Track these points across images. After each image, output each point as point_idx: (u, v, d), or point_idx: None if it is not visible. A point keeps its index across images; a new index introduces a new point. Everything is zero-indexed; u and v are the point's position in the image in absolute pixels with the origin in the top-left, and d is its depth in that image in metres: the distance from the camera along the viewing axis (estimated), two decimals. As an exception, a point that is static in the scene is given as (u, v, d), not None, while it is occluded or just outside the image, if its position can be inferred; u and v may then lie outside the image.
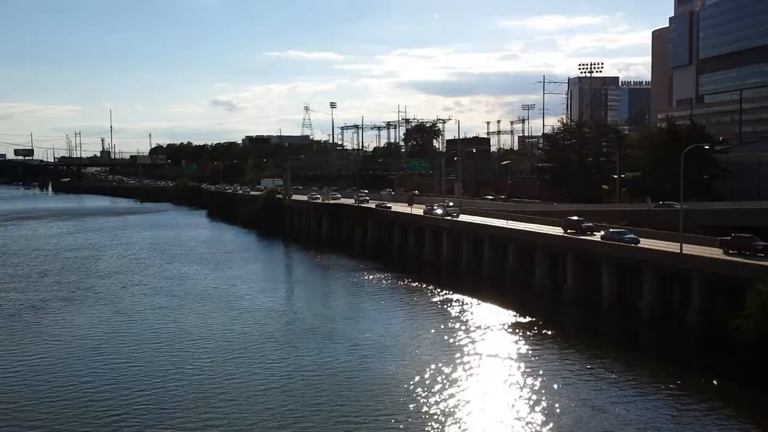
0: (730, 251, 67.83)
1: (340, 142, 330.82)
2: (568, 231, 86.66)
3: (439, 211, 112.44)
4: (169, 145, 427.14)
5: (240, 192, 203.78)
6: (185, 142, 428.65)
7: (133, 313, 75.72)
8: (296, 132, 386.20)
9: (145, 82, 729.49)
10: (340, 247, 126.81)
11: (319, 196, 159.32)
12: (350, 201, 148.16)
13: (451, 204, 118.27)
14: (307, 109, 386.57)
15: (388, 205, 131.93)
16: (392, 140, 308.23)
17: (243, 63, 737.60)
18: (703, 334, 61.32)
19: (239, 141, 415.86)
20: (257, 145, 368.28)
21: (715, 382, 50.59)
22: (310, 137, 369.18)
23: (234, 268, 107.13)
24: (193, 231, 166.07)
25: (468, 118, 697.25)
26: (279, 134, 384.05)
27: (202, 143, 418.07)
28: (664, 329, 65.21)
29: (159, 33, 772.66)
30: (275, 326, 69.11)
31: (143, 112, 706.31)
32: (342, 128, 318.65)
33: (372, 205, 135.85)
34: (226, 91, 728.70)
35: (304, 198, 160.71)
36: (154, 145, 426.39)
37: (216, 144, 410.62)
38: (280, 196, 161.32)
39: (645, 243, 76.23)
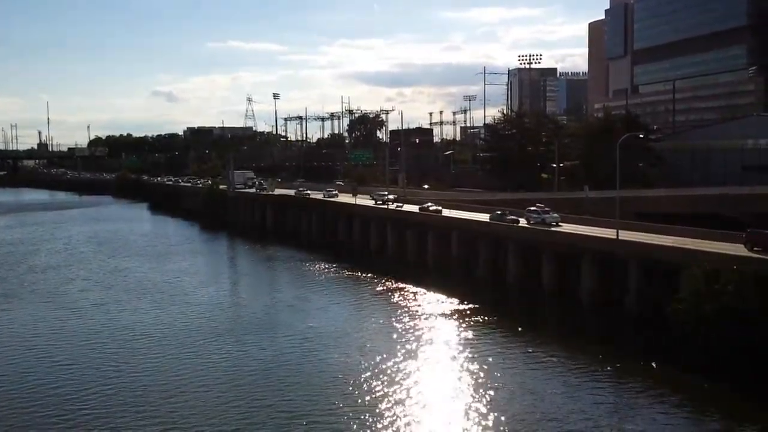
0: (755, 248, 60.66)
1: (283, 134, 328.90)
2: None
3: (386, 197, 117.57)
4: (108, 137, 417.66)
5: (182, 184, 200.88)
6: (125, 134, 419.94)
7: (72, 309, 74.29)
8: (239, 123, 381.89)
9: (83, 73, 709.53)
10: (285, 239, 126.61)
11: (266, 187, 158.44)
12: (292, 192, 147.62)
13: (386, 194, 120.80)
14: (249, 100, 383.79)
15: (335, 192, 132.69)
16: (336, 131, 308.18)
17: (184, 54, 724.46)
18: (641, 318, 63.38)
19: (181, 133, 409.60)
20: (199, 136, 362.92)
21: (654, 365, 52.39)
22: (254, 129, 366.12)
23: (177, 262, 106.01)
24: (135, 224, 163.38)
25: (411, 109, 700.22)
26: (221, 126, 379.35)
27: (142, 135, 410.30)
28: (603, 315, 67.09)
29: (96, 22, 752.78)
30: (220, 320, 68.68)
31: (82, 104, 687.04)
32: (285, 119, 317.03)
33: (319, 196, 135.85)
34: (166, 82, 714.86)
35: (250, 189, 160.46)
36: (93, 137, 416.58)
37: (157, 136, 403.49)
38: (258, 189, 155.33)
39: (585, 230, 78.27)
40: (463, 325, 65.17)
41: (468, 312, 70.10)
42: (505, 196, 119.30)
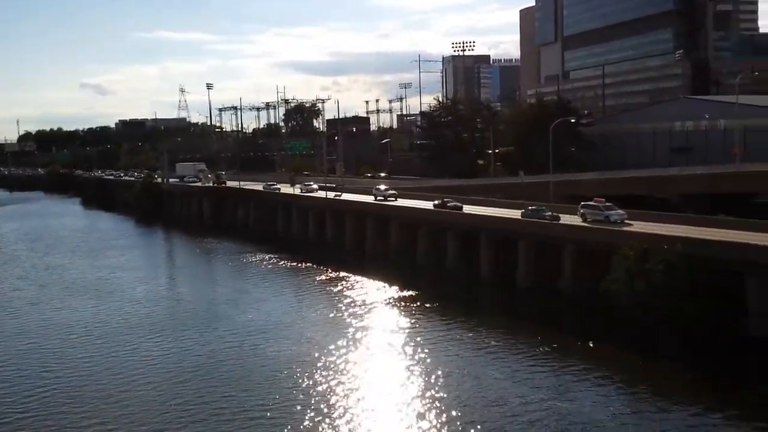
0: None
1: (218, 124, 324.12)
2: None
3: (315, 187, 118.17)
4: (38, 131, 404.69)
5: (124, 178, 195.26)
6: (55, 128, 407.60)
7: (5, 308, 72.31)
8: (172, 115, 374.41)
9: (6, 65, 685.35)
10: (224, 231, 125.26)
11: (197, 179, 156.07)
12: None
13: (312, 185, 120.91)
14: (182, 91, 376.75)
15: (277, 186, 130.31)
16: (272, 121, 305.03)
17: (111, 44, 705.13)
18: (575, 298, 65.01)
19: (112, 125, 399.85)
20: (131, 129, 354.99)
21: (590, 345, 53.84)
22: (187, 120, 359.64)
23: (112, 257, 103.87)
24: (67, 219, 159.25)
25: (347, 98, 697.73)
26: (154, 117, 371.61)
27: (73, 129, 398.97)
28: (539, 297, 68.54)
29: (18, 13, 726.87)
30: (159, 316, 67.64)
31: (10, 99, 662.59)
32: (220, 110, 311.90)
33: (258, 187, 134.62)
34: (94, 73, 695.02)
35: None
36: (22, 132, 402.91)
37: (88, 129, 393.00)
38: (215, 182, 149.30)
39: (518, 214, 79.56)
40: (404, 313, 65.74)
41: (408, 299, 70.71)
42: (442, 183, 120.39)
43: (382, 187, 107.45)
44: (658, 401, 42.89)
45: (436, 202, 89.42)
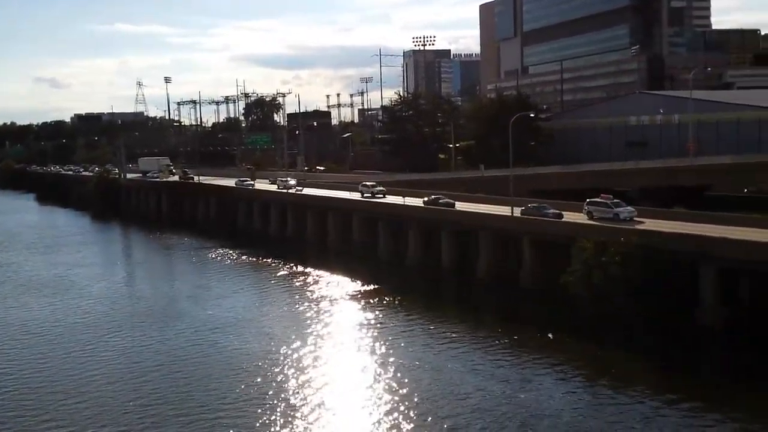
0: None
1: (177, 118, 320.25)
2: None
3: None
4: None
5: (83, 173, 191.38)
6: (8, 123, 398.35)
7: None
8: (129, 109, 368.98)
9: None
10: (183, 226, 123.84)
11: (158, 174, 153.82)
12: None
13: (289, 180, 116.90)
14: (140, 84, 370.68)
15: (251, 182, 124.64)
16: (232, 115, 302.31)
17: (66, 37, 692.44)
18: (535, 291, 65.76)
19: (68, 120, 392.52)
20: (88, 123, 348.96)
21: (550, 336, 54.55)
22: (145, 114, 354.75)
23: (68, 253, 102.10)
24: (21, 216, 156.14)
25: (308, 92, 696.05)
26: (111, 111, 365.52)
27: (27, 123, 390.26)
28: (499, 290, 69.18)
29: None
30: (117, 313, 66.64)
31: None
32: (178, 104, 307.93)
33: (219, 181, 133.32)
34: (49, 67, 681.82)
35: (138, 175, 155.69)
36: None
37: (43, 123, 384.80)
38: (183, 177, 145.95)
39: (482, 208, 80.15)
40: (367, 307, 65.81)
41: (371, 293, 70.80)
42: (404, 177, 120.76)
43: (369, 183, 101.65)
44: (617, 391, 43.59)
45: (427, 198, 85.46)
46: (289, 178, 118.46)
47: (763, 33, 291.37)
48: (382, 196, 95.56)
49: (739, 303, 53.75)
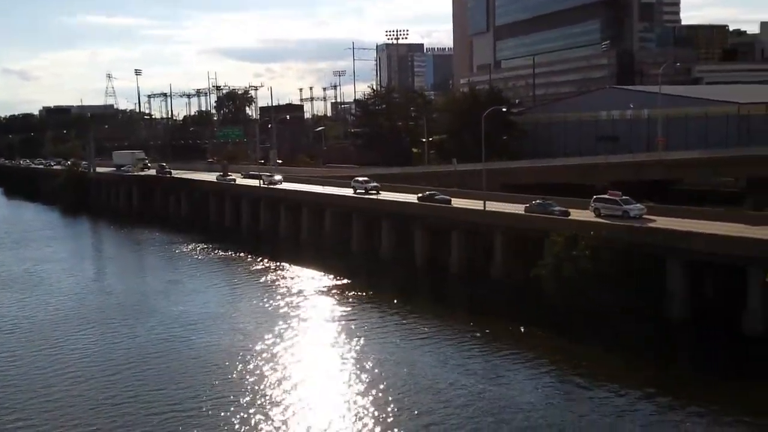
0: None
1: (147, 111, 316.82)
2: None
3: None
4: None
5: (54, 167, 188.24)
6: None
7: None
8: (99, 101, 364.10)
9: None
10: (154, 221, 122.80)
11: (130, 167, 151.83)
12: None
13: (274, 176, 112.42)
14: (110, 77, 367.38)
15: (232, 177, 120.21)
16: (203, 108, 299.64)
17: (35, 29, 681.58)
18: (507, 285, 66.22)
19: (36, 112, 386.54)
20: (57, 116, 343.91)
21: (522, 329, 54.98)
22: (115, 106, 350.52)
23: (37, 248, 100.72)
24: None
25: (280, 85, 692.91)
26: (80, 104, 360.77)
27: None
28: (471, 283, 69.58)
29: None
30: (86, 308, 65.95)
31: None
32: (149, 96, 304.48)
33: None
34: (17, 59, 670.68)
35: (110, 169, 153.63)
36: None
37: (10, 116, 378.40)
38: (159, 171, 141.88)
39: (455, 202, 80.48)
40: (340, 302, 65.91)
41: (344, 287, 70.85)
42: (378, 171, 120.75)
43: (362, 178, 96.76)
44: (588, 384, 44.15)
45: (422, 195, 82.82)
46: (274, 174, 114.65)
47: (731, 29, 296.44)
48: (375, 192, 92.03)
49: (706, 295, 54.67)
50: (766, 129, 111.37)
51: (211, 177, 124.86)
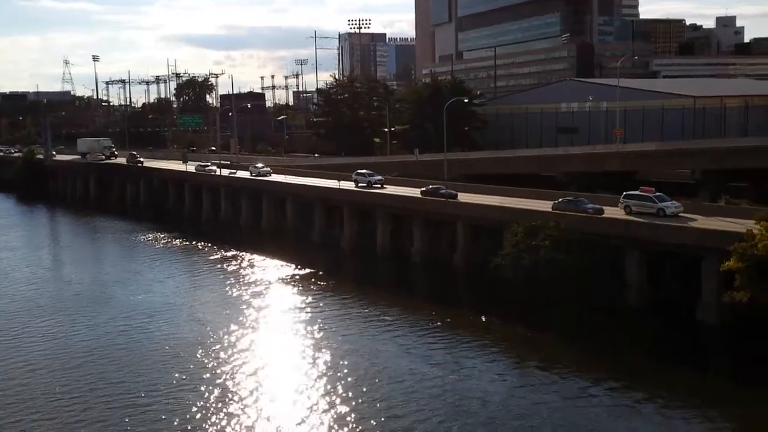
0: None
1: (105, 98, 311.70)
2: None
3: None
4: None
5: (3, 154, 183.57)
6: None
7: None
8: (56, 88, 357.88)
9: None
10: (112, 210, 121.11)
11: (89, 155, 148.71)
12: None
13: (263, 167, 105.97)
14: (66, 63, 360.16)
15: (212, 168, 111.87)
16: (163, 96, 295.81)
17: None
18: (468, 275, 66.85)
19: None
20: (11, 102, 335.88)
21: (483, 318, 55.51)
22: (72, 93, 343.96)
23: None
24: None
25: (241, 73, 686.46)
26: (36, 90, 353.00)
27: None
28: (433, 273, 70.10)
29: None
30: (43, 298, 64.97)
31: None
32: (107, 83, 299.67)
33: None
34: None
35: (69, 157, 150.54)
36: None
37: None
38: (130, 161, 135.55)
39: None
40: (302, 291, 65.84)
41: (306, 276, 70.79)
42: (341, 161, 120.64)
43: (365, 171, 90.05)
44: (547, 372, 44.85)
45: (425, 189, 77.65)
46: (260, 164, 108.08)
47: (688, 23, 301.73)
48: (380, 186, 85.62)
49: (664, 285, 55.85)
50: (720, 122, 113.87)
51: (177, 166, 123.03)
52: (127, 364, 47.25)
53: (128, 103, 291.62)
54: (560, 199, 65.35)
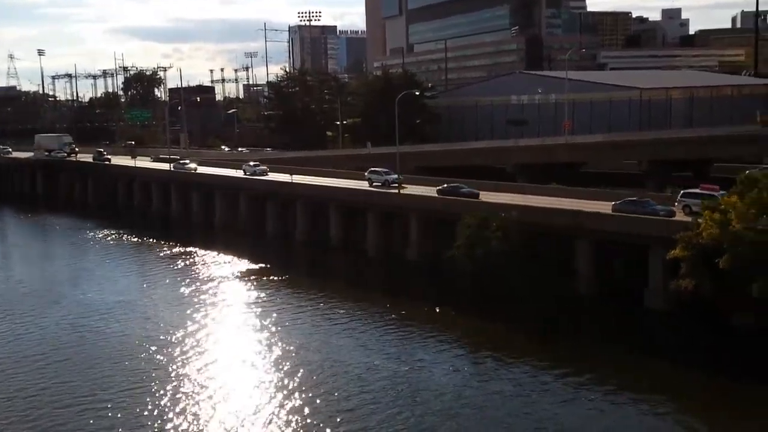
0: None
1: (52, 93, 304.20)
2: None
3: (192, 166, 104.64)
4: None
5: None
6: None
7: None
8: (1, 83, 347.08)
9: None
10: (60, 206, 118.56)
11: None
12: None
13: (259, 165, 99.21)
14: (11, 57, 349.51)
15: (192, 166, 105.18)
16: (110, 90, 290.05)
17: None
18: (422, 267, 67.31)
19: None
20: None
21: (437, 310, 56.11)
22: (18, 88, 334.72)
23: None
24: None
25: (190, 66, 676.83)
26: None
27: None
28: (387, 265, 70.43)
29: None
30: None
31: None
32: (53, 78, 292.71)
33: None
34: None
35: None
36: None
37: None
38: (96, 158, 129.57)
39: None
40: (256, 285, 65.55)
41: (259, 270, 70.48)
42: (294, 155, 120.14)
43: (380, 169, 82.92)
44: (500, 362, 45.61)
45: (441, 187, 73.20)
46: (252, 162, 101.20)
47: (634, 15, 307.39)
48: (397, 186, 77.22)
49: (614, 273, 57.10)
50: (666, 113, 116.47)
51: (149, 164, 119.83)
52: (79, 363, 46.58)
53: (75, 98, 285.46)
54: (621, 200, 59.50)
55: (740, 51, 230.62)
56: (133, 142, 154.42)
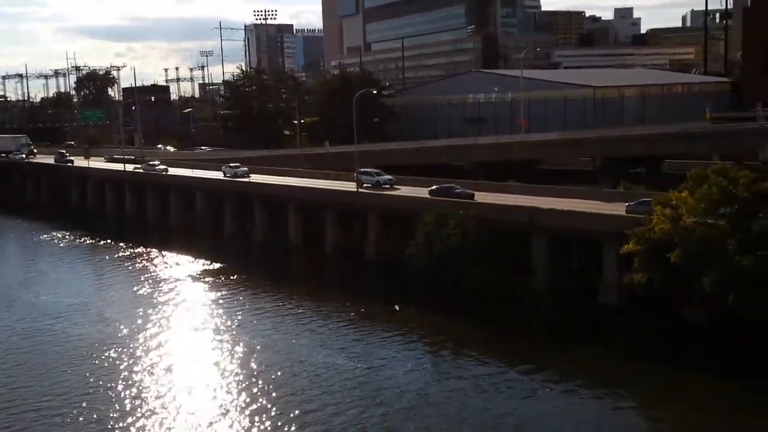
0: None
1: (2, 93, 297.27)
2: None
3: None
4: None
5: None
6: None
7: None
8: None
9: None
10: (10, 207, 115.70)
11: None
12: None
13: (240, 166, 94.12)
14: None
15: (162, 167, 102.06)
16: (62, 90, 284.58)
17: None
18: (381, 264, 67.49)
19: None
20: None
21: (396, 308, 56.17)
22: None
23: None
24: None
25: (144, 65, 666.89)
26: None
27: None
28: (346, 264, 70.45)
29: None
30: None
31: None
32: (4, 77, 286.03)
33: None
34: None
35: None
36: None
37: None
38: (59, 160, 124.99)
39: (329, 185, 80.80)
40: (214, 285, 65.09)
41: (217, 270, 70.02)
42: (250, 154, 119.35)
43: (374, 170, 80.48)
44: (458, 359, 46.07)
45: (433, 188, 70.94)
46: (234, 164, 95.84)
47: (587, 15, 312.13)
48: (389, 187, 76.95)
49: (569, 270, 57.96)
50: (619, 111, 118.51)
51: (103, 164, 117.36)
52: (34, 367, 45.75)
53: (26, 99, 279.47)
54: (635, 202, 55.83)
55: (690, 49, 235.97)
56: (86, 146, 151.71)
